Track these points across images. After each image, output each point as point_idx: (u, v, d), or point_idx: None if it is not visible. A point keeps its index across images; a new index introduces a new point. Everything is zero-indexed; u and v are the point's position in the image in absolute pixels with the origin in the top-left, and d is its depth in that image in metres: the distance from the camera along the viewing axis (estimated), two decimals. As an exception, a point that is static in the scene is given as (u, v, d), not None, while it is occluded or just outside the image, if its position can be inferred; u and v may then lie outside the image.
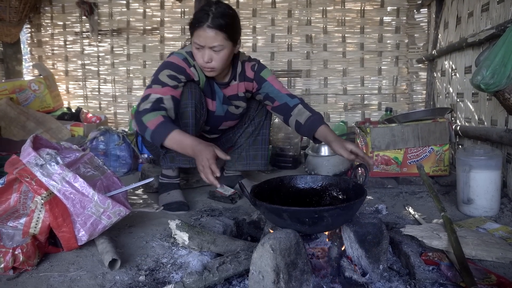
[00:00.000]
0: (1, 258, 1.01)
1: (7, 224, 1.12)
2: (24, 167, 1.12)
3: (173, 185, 1.64)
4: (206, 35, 1.39)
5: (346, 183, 1.19)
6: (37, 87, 2.90)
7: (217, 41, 1.41)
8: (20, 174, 1.11)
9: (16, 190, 1.16)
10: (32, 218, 1.11)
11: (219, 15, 1.40)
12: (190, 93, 1.50)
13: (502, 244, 1.07)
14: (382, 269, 0.94)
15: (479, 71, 1.43)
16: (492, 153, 1.39)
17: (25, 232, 1.10)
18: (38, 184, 1.10)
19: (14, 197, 1.15)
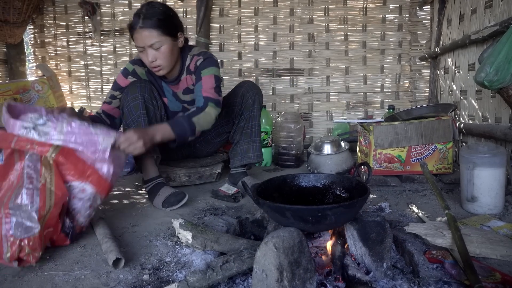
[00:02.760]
0: (9, 247, 1.00)
1: (16, 204, 1.05)
2: (19, 137, 1.10)
3: (158, 185, 1.63)
4: (141, 36, 1.52)
5: (349, 182, 1.19)
6: (41, 87, 2.91)
7: (153, 38, 1.51)
8: (19, 145, 1.09)
9: (18, 164, 1.12)
10: (45, 192, 1.07)
11: (149, 15, 1.52)
12: (139, 87, 1.63)
13: (507, 242, 1.07)
14: (386, 267, 0.94)
15: (482, 68, 1.42)
16: (496, 151, 1.39)
17: (41, 208, 1.05)
18: (40, 145, 1.08)
19: (16, 172, 1.11)
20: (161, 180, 1.66)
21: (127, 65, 1.75)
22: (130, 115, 1.63)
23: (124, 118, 1.68)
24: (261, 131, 2.59)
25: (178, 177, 1.91)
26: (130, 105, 1.62)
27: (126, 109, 1.65)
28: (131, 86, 1.65)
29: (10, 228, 1.02)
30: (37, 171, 1.11)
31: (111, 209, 1.57)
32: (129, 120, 1.64)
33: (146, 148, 1.33)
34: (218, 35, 3.15)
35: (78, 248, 1.18)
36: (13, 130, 1.13)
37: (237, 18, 3.13)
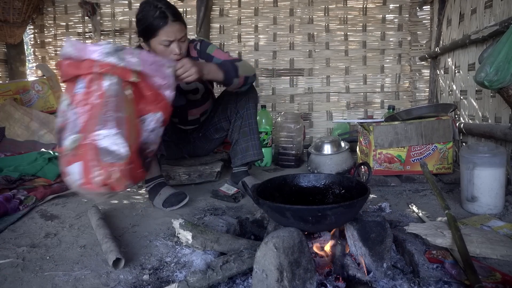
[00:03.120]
0: (98, 172, 0.96)
1: (104, 130, 1.04)
2: (99, 62, 1.12)
3: (159, 185, 1.63)
4: (173, 29, 1.51)
5: (349, 182, 1.19)
6: (41, 87, 2.91)
7: (182, 31, 1.55)
8: (102, 70, 1.11)
9: (99, 92, 1.11)
10: (130, 124, 1.10)
11: (174, 10, 1.54)
12: None
13: (507, 242, 1.07)
14: (386, 267, 0.94)
15: (482, 68, 1.42)
16: (496, 151, 1.39)
17: (128, 138, 1.05)
18: (123, 70, 1.11)
19: (99, 99, 1.10)
20: (162, 180, 1.66)
21: None
22: None
23: None
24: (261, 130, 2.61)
25: (178, 176, 1.91)
26: None
27: None
28: None
29: (99, 153, 0.99)
30: (121, 100, 1.12)
31: (111, 209, 1.57)
32: None
33: (199, 76, 1.40)
34: (218, 35, 3.15)
35: (78, 248, 1.18)
36: (90, 55, 1.12)
37: (237, 18, 3.13)
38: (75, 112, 1.11)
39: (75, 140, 1.05)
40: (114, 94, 1.12)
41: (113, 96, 1.11)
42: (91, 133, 1.03)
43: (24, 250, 1.17)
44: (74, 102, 1.13)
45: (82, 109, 1.10)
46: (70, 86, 1.20)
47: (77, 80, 1.16)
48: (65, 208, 1.60)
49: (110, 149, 1.01)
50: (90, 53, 1.14)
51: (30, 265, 1.08)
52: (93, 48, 1.15)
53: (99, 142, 1.01)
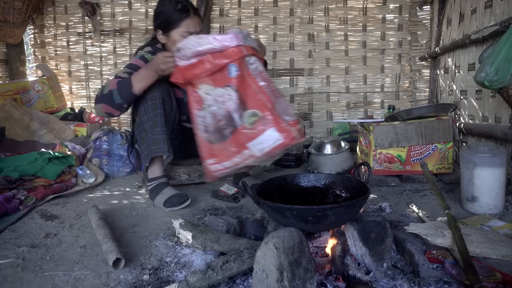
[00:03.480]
0: (293, 127, 1.20)
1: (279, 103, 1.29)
2: (245, 46, 1.30)
3: (162, 184, 1.63)
4: (194, 22, 1.61)
5: (349, 182, 1.19)
6: (41, 87, 2.91)
7: (200, 25, 1.65)
8: (249, 51, 1.31)
9: (250, 74, 1.31)
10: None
11: (191, 3, 1.64)
12: (158, 86, 1.60)
13: (507, 242, 1.07)
14: (386, 267, 0.94)
15: (482, 68, 1.42)
16: (496, 150, 1.39)
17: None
18: (254, 50, 1.34)
19: (254, 79, 1.29)
20: (165, 180, 1.66)
21: (145, 55, 1.67)
22: (146, 113, 1.60)
23: (138, 115, 1.64)
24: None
25: (178, 175, 1.91)
26: (148, 103, 1.60)
27: (142, 107, 1.61)
28: (150, 87, 1.59)
29: (282, 118, 1.24)
30: (270, 79, 1.34)
31: (111, 209, 1.57)
32: (144, 118, 1.61)
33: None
34: (218, 35, 3.15)
35: (78, 249, 1.18)
36: (238, 43, 1.29)
37: (237, 18, 3.13)
38: (236, 93, 1.29)
39: (252, 115, 1.25)
40: (263, 70, 1.34)
41: (264, 72, 1.34)
42: (268, 107, 1.24)
43: (24, 250, 1.17)
44: (234, 84, 1.29)
45: (247, 89, 1.28)
46: (218, 75, 1.33)
47: (228, 66, 1.30)
48: (65, 208, 1.60)
49: (287, 113, 1.28)
50: (236, 40, 1.30)
51: (30, 265, 1.08)
52: (237, 36, 1.31)
53: (279, 111, 1.26)
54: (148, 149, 1.61)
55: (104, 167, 2.17)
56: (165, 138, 1.60)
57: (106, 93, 1.51)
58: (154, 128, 1.59)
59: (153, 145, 1.59)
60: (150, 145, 1.60)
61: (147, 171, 1.68)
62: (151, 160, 1.63)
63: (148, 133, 1.61)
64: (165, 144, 1.59)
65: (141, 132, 1.65)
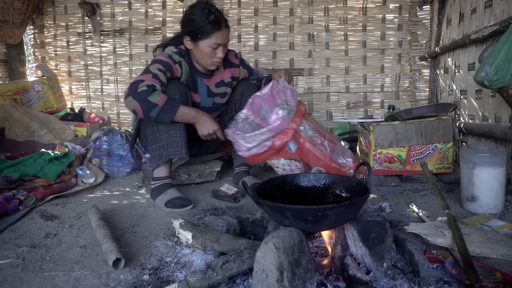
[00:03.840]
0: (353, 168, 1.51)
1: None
2: (291, 124, 1.52)
3: (167, 185, 1.63)
4: (225, 34, 1.64)
5: (349, 181, 1.19)
6: (41, 88, 2.91)
7: (229, 37, 1.68)
8: (298, 121, 1.54)
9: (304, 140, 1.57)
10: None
11: (223, 15, 1.65)
12: (177, 89, 1.61)
13: (507, 242, 1.07)
14: (386, 267, 0.94)
15: (482, 67, 1.42)
16: (496, 150, 1.39)
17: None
18: (299, 113, 1.56)
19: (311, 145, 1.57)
20: (170, 181, 1.67)
21: (173, 55, 1.65)
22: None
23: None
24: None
25: (178, 175, 1.91)
26: None
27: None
28: (169, 87, 1.60)
29: (342, 157, 1.60)
30: (322, 132, 1.62)
31: (111, 209, 1.57)
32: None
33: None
34: (218, 35, 3.15)
35: (78, 249, 1.18)
36: (283, 125, 1.50)
37: (237, 18, 3.13)
38: (300, 163, 1.57)
39: (317, 171, 1.54)
40: (314, 127, 1.59)
41: (315, 130, 1.58)
42: (327, 163, 1.56)
43: (24, 250, 1.17)
44: (296, 157, 1.57)
45: (308, 155, 1.55)
46: (280, 152, 1.56)
47: (287, 144, 1.54)
48: (65, 208, 1.60)
49: (344, 155, 1.62)
50: (285, 122, 1.50)
51: (30, 265, 1.08)
52: (284, 118, 1.49)
53: (337, 156, 1.61)
54: (163, 150, 1.60)
55: (104, 167, 2.17)
56: (184, 141, 1.60)
57: (151, 101, 1.48)
58: (172, 130, 1.59)
59: (170, 147, 1.58)
60: (166, 146, 1.59)
61: (153, 170, 1.68)
62: (157, 156, 1.63)
63: (162, 133, 1.61)
64: (183, 147, 1.59)
65: (154, 132, 1.64)
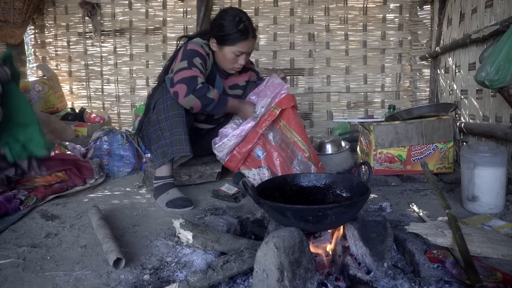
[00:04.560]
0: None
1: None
2: (258, 129, 1.73)
3: (169, 185, 1.64)
4: (250, 44, 1.71)
5: (350, 181, 1.19)
6: (41, 88, 2.91)
7: (253, 47, 1.75)
8: (263, 129, 1.74)
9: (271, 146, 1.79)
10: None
11: (252, 24, 1.71)
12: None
13: (508, 241, 1.07)
14: (387, 267, 0.94)
15: (483, 67, 1.42)
16: (496, 150, 1.38)
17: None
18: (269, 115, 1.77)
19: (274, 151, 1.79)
20: (172, 181, 1.67)
21: (204, 46, 1.69)
22: (165, 111, 1.62)
23: (156, 113, 1.65)
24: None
25: (179, 176, 1.91)
26: (168, 102, 1.62)
27: (162, 106, 1.63)
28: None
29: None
30: (288, 142, 1.78)
31: (112, 209, 1.57)
32: (162, 117, 1.63)
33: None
34: (219, 35, 3.15)
35: (78, 248, 1.18)
36: (254, 129, 1.74)
37: (237, 18, 3.13)
38: (268, 171, 1.72)
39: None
40: (281, 136, 1.76)
41: (281, 138, 1.76)
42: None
43: (24, 250, 1.17)
44: (265, 164, 1.76)
45: (274, 164, 1.75)
46: (249, 160, 1.78)
47: (255, 151, 1.76)
48: (65, 208, 1.60)
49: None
50: (249, 128, 1.70)
51: (30, 265, 1.08)
52: (249, 125, 1.71)
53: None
54: (167, 148, 1.61)
55: (104, 167, 2.17)
56: (187, 139, 1.61)
57: (209, 97, 1.60)
58: (175, 128, 1.60)
59: (175, 145, 1.59)
60: (170, 144, 1.60)
61: (156, 169, 1.68)
62: (161, 155, 1.63)
63: (164, 132, 1.62)
64: (187, 144, 1.60)
65: (157, 131, 1.65)
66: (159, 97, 1.67)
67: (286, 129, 1.72)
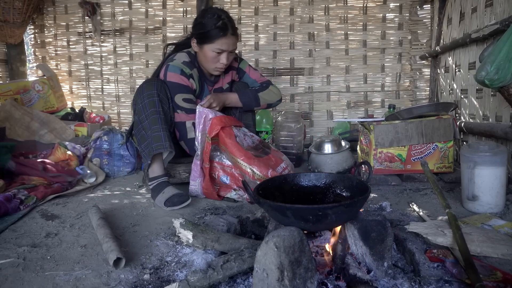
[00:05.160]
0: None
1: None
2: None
3: (163, 184, 1.63)
4: (230, 41, 1.67)
5: (350, 181, 1.19)
6: (41, 87, 2.91)
7: (235, 44, 1.72)
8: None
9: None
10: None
11: (232, 22, 1.68)
12: (155, 85, 1.67)
13: (508, 241, 1.07)
14: (387, 266, 0.94)
15: (483, 66, 1.42)
16: (497, 149, 1.38)
17: None
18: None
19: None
20: (166, 179, 1.66)
21: (184, 68, 1.73)
22: (144, 111, 1.64)
23: (137, 114, 1.68)
24: (261, 130, 2.60)
25: (178, 174, 1.91)
26: (145, 101, 1.64)
27: (140, 105, 1.65)
28: (147, 84, 1.68)
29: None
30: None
31: (112, 209, 1.57)
32: (142, 116, 1.65)
33: (221, 106, 1.77)
34: (218, 34, 3.15)
35: (78, 248, 1.18)
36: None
37: (237, 17, 3.13)
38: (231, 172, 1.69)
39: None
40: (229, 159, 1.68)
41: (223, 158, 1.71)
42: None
43: (25, 250, 1.17)
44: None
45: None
46: (223, 186, 1.71)
47: (220, 178, 1.70)
48: (65, 208, 1.60)
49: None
50: (198, 166, 1.69)
51: (31, 264, 1.08)
52: (196, 164, 1.68)
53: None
54: (148, 147, 1.61)
55: (104, 167, 2.18)
56: (166, 135, 1.61)
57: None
58: (154, 125, 1.61)
59: (154, 142, 1.60)
60: (150, 142, 1.61)
61: (148, 170, 1.68)
62: (152, 159, 1.63)
63: (147, 131, 1.63)
64: (167, 140, 1.60)
65: (140, 131, 1.66)
66: (137, 98, 1.69)
67: (228, 153, 1.64)
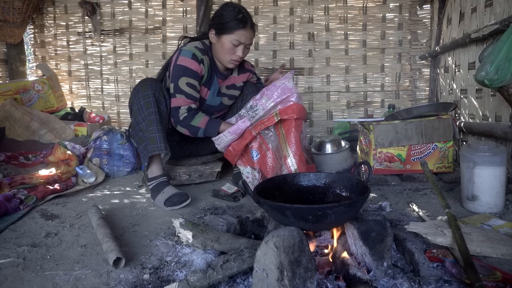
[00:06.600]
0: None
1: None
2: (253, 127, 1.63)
3: (163, 183, 1.64)
4: (248, 34, 1.69)
5: (350, 181, 1.19)
6: (41, 87, 2.91)
7: (252, 39, 1.74)
8: (258, 130, 1.64)
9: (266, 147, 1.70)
10: None
11: (251, 17, 1.72)
12: (150, 85, 1.67)
13: (507, 241, 1.07)
14: (386, 266, 0.94)
15: (483, 66, 1.42)
16: (496, 149, 1.39)
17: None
18: (268, 120, 1.69)
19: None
20: (165, 179, 1.67)
21: (196, 52, 1.71)
22: (140, 112, 1.65)
23: (134, 116, 1.69)
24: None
25: (178, 176, 1.91)
26: (141, 103, 1.65)
27: (136, 107, 1.66)
28: (142, 85, 1.68)
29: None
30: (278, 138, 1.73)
31: (112, 209, 1.57)
32: (139, 118, 1.66)
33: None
34: (218, 34, 3.15)
35: (78, 248, 1.18)
36: (245, 124, 1.64)
37: (237, 17, 3.13)
38: (259, 174, 1.67)
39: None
40: (276, 138, 1.69)
41: (277, 141, 1.68)
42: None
43: (24, 249, 1.17)
44: (257, 166, 1.68)
45: (267, 166, 1.66)
46: (245, 157, 1.71)
47: (251, 151, 1.67)
48: (65, 207, 1.60)
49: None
50: (244, 127, 1.62)
51: (30, 264, 1.08)
52: (244, 122, 1.62)
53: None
54: (145, 148, 1.62)
55: (104, 167, 2.17)
56: (161, 136, 1.62)
57: (194, 125, 1.69)
58: (150, 126, 1.62)
59: (150, 144, 1.61)
60: (147, 144, 1.62)
61: (147, 170, 1.68)
62: (150, 159, 1.64)
63: (144, 132, 1.64)
64: (162, 142, 1.61)
65: (138, 132, 1.67)
66: (133, 100, 1.69)
67: (283, 141, 1.66)
